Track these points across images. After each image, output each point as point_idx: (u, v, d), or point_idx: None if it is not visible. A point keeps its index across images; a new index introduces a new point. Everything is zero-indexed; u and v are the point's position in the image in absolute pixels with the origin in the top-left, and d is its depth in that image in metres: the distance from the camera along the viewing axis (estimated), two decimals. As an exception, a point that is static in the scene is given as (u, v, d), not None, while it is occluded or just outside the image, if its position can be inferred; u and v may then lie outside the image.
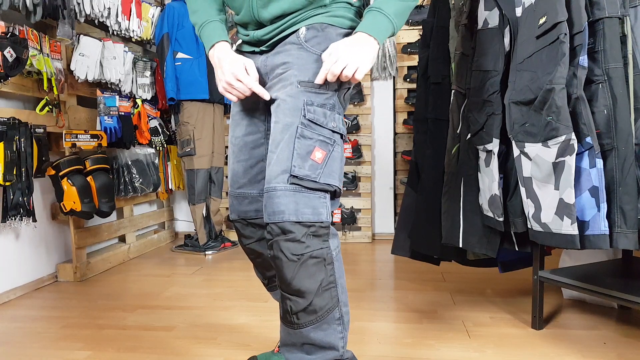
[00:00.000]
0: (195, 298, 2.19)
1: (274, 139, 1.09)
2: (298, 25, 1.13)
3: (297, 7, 1.12)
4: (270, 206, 1.05)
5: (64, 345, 1.70)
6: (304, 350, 1.11)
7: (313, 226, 1.04)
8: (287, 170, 1.04)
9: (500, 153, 1.62)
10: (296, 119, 1.07)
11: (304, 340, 1.10)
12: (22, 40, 2.07)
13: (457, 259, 2.01)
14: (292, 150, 1.05)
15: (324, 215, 1.05)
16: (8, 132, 2.08)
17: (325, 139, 1.08)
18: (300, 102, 1.08)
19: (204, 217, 3.19)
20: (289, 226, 1.03)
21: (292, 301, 1.07)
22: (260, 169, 1.23)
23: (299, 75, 1.10)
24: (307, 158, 1.05)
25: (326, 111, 1.09)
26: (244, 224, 1.27)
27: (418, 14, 3.35)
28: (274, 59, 1.17)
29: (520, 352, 1.56)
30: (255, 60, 1.20)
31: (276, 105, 1.12)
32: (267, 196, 1.06)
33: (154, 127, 3.18)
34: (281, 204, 1.04)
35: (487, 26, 1.68)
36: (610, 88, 1.35)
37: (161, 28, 2.95)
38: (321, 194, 1.06)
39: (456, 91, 1.87)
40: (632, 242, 1.33)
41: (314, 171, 1.05)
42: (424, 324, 1.81)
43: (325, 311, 1.08)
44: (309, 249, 1.04)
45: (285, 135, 1.07)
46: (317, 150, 1.06)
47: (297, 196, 1.04)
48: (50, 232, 2.56)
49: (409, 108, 3.41)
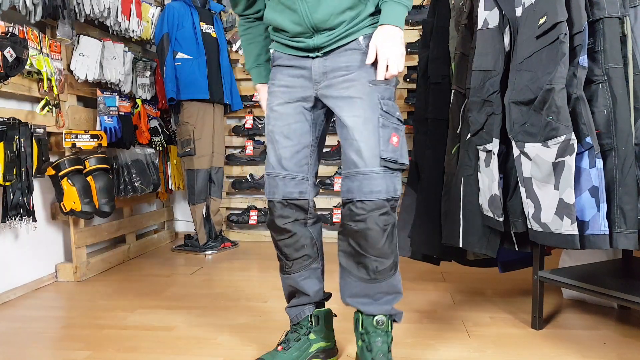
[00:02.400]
0: (195, 298, 2.19)
1: (356, 129, 1.27)
2: (355, 35, 1.32)
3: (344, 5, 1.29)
4: (367, 186, 1.25)
5: (64, 345, 1.70)
6: (376, 298, 1.36)
7: (394, 200, 1.29)
8: (377, 155, 1.25)
9: (500, 153, 1.62)
10: (375, 112, 1.27)
11: (380, 290, 1.34)
12: (22, 40, 2.07)
13: (457, 259, 2.01)
14: (378, 138, 1.26)
15: (399, 190, 1.30)
16: (8, 132, 2.08)
17: (397, 126, 1.29)
18: (375, 98, 1.28)
19: (204, 217, 3.19)
20: (382, 202, 1.26)
21: (379, 262, 1.31)
22: (304, 154, 1.41)
23: (367, 76, 1.30)
24: (388, 143, 1.27)
25: (393, 102, 1.32)
26: (284, 205, 1.39)
27: (418, 14, 3.34)
28: (335, 62, 1.33)
29: (520, 352, 1.56)
30: (302, 62, 1.37)
31: (349, 102, 1.30)
32: (363, 177, 1.26)
33: (154, 127, 3.18)
34: (378, 185, 1.25)
35: (487, 26, 1.68)
36: (610, 88, 1.35)
37: (161, 28, 2.95)
38: (398, 173, 1.29)
39: (456, 91, 1.87)
40: (632, 242, 1.33)
41: (395, 153, 1.27)
42: (424, 324, 1.81)
43: (396, 264, 1.36)
44: (392, 219, 1.30)
45: (369, 126, 1.27)
46: (394, 135, 1.27)
47: (386, 177, 1.26)
48: (50, 232, 2.55)
49: (409, 108, 3.41)
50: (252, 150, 3.57)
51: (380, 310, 1.35)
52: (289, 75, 1.39)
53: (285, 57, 1.40)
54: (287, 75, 1.39)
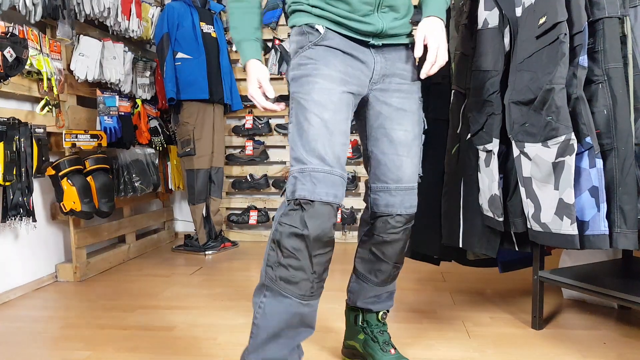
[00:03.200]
0: (195, 298, 2.19)
1: (405, 145, 1.29)
2: (405, 39, 1.30)
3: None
4: (408, 201, 1.30)
5: (64, 345, 1.69)
6: (382, 297, 1.44)
7: None
8: (417, 172, 1.32)
9: (500, 153, 1.62)
10: (420, 129, 1.32)
11: (388, 290, 1.44)
12: (22, 40, 2.07)
13: (457, 259, 2.01)
14: (419, 156, 1.33)
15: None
16: (8, 132, 2.08)
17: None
18: (421, 116, 1.33)
19: (204, 217, 3.19)
20: (414, 215, 1.34)
21: (398, 268, 1.40)
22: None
23: (418, 92, 1.33)
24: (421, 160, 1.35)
25: None
26: (336, 211, 1.16)
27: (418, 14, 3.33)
28: (394, 64, 1.28)
29: (520, 352, 1.56)
30: (363, 55, 1.24)
31: (402, 114, 1.28)
32: (405, 193, 1.30)
33: (153, 127, 3.18)
34: (415, 199, 1.33)
35: (487, 26, 1.67)
36: (610, 88, 1.35)
37: (161, 28, 2.95)
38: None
39: (456, 91, 1.86)
40: (632, 242, 1.33)
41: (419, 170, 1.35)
42: (424, 324, 1.81)
43: None
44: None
45: (416, 142, 1.31)
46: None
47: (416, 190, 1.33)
48: (50, 232, 2.55)
49: (409, 108, 3.41)
50: (252, 150, 3.57)
51: (386, 306, 1.45)
52: (348, 65, 1.21)
53: (340, 40, 1.21)
54: (344, 63, 1.20)
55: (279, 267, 1.12)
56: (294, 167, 1.14)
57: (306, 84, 1.17)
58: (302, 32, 1.22)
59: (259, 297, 1.17)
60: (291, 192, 1.12)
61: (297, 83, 1.19)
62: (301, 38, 1.22)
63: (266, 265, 1.14)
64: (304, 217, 1.09)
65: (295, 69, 1.21)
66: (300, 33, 1.22)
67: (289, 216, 1.11)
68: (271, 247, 1.13)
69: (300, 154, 1.13)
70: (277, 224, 1.13)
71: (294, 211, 1.10)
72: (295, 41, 1.24)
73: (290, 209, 1.11)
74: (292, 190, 1.12)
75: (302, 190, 1.10)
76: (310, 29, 1.21)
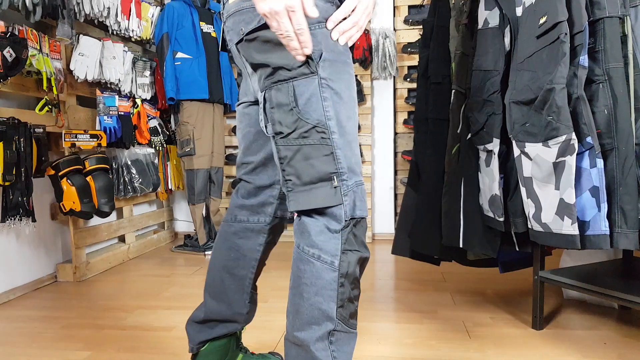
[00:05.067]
0: (195, 298, 2.19)
1: None
2: None
3: None
4: None
5: (64, 346, 1.69)
6: None
7: None
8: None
9: (501, 153, 1.61)
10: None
11: None
12: (21, 40, 2.06)
13: (457, 259, 2.01)
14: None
15: None
16: (7, 132, 2.08)
17: None
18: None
19: (204, 217, 3.18)
20: None
21: None
22: None
23: None
24: None
25: None
26: None
27: (418, 14, 3.34)
28: None
29: (520, 353, 1.56)
30: None
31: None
32: None
33: (153, 127, 3.18)
34: None
35: (487, 26, 1.67)
36: (611, 88, 1.35)
37: (161, 28, 2.95)
38: None
39: (456, 91, 1.86)
40: (632, 242, 1.33)
41: None
42: (424, 324, 1.81)
43: None
44: None
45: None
46: None
47: None
48: (50, 232, 2.55)
49: (409, 108, 3.41)
50: (252, 150, 3.56)
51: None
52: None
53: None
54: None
55: (348, 303, 0.95)
56: (350, 181, 0.95)
57: (343, 72, 0.96)
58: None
59: (323, 343, 0.95)
60: (351, 209, 0.94)
61: (332, 67, 0.94)
62: (327, 6, 0.95)
63: (337, 307, 0.94)
64: (361, 238, 0.96)
65: (329, 48, 0.94)
66: (327, 0, 0.95)
67: (352, 241, 0.95)
68: (341, 283, 0.94)
69: (351, 162, 0.95)
70: (342, 253, 0.94)
71: (351, 234, 0.95)
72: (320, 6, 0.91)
73: (350, 231, 0.95)
74: (351, 207, 0.94)
75: (361, 209, 0.96)
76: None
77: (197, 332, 1.31)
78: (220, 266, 1.27)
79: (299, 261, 0.97)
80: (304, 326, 0.95)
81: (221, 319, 1.29)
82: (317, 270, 0.94)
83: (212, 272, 1.29)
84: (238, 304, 1.28)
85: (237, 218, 1.27)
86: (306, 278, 0.95)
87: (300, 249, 0.97)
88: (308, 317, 0.94)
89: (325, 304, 0.93)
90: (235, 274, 1.27)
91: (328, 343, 0.94)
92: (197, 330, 1.31)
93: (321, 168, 0.92)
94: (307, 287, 0.95)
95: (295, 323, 0.96)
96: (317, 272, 0.94)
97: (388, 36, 3.29)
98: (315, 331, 0.94)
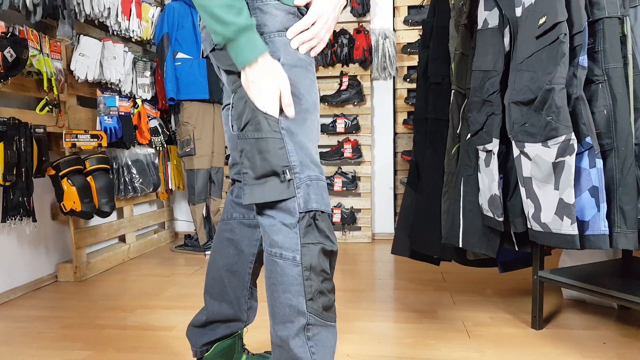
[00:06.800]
0: (196, 298, 2.19)
1: None
2: None
3: None
4: None
5: (64, 345, 1.70)
6: None
7: None
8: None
9: (500, 153, 1.62)
10: None
11: None
12: (22, 40, 2.06)
13: (457, 259, 2.01)
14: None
15: None
16: (8, 132, 2.08)
17: None
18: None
19: (204, 217, 3.19)
20: None
21: None
22: None
23: None
24: None
25: None
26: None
27: (418, 14, 3.35)
28: None
29: (520, 352, 1.56)
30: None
31: None
32: None
33: (153, 127, 3.18)
34: None
35: (487, 26, 1.68)
36: (610, 88, 1.35)
37: (161, 28, 2.95)
38: None
39: (456, 91, 1.87)
40: (632, 242, 1.33)
41: None
42: (424, 324, 1.81)
43: None
44: None
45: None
46: None
47: None
48: (50, 232, 2.55)
49: (409, 108, 3.41)
50: (252, 150, 3.56)
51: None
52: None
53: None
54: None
55: (319, 296, 0.96)
56: (302, 174, 0.97)
57: (303, 77, 1.00)
58: (290, 11, 1.01)
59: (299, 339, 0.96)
60: (305, 202, 0.96)
61: (290, 71, 0.98)
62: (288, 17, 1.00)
63: (306, 300, 0.95)
64: (325, 232, 0.97)
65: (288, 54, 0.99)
66: (288, 12, 1.00)
67: (311, 234, 0.96)
68: (305, 276, 0.95)
69: (304, 157, 0.98)
70: (302, 247, 0.95)
71: (310, 227, 0.96)
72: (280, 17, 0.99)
73: (307, 224, 0.96)
74: (305, 200, 0.96)
75: (317, 202, 0.97)
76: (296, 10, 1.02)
77: (199, 336, 1.32)
78: (219, 265, 1.29)
79: (266, 263, 1.00)
80: (280, 325, 0.98)
81: (223, 319, 1.30)
82: (281, 268, 0.96)
83: (211, 273, 1.30)
84: (239, 302, 1.30)
85: (232, 216, 1.30)
86: (274, 278, 0.98)
87: (266, 251, 1.00)
88: (281, 315, 0.97)
89: (295, 299, 0.96)
90: (235, 270, 1.29)
91: (305, 339, 0.96)
92: (199, 334, 1.32)
93: (274, 162, 0.95)
94: (276, 287, 0.97)
95: (273, 324, 1.00)
96: (281, 270, 0.96)
97: (388, 36, 3.30)
98: (290, 328, 0.96)
